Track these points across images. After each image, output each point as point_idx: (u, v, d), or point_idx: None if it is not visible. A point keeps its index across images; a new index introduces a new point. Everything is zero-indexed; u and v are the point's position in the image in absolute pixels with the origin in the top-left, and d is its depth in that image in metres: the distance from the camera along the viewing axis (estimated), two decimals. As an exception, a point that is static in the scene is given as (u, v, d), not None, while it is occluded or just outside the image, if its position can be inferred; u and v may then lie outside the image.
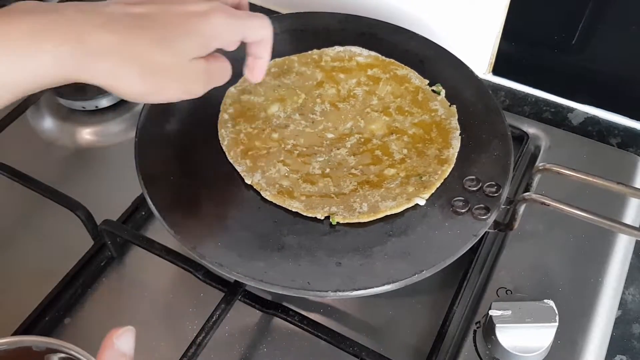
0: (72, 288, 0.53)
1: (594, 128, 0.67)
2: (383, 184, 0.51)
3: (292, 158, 0.53)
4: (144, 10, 0.42)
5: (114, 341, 0.32)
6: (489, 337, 0.46)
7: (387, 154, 0.54)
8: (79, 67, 0.39)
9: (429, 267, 0.46)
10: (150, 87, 0.42)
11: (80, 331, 0.52)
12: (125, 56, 0.40)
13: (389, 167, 0.53)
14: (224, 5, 0.45)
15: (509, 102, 0.70)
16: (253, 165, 0.53)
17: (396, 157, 0.54)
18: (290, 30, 0.65)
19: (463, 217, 0.50)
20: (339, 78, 0.60)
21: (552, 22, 0.65)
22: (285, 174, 0.52)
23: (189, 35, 0.42)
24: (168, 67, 0.42)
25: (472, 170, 0.53)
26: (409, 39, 0.64)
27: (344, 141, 0.55)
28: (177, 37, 0.42)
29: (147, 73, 0.41)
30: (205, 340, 0.48)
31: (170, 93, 0.44)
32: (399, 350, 0.50)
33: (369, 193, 0.51)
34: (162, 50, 0.41)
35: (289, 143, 0.55)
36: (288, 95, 0.59)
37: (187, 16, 0.42)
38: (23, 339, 0.33)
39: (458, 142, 0.54)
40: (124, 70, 0.40)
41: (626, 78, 0.66)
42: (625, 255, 0.55)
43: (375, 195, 0.51)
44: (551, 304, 0.46)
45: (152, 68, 0.41)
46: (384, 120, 0.56)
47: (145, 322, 0.53)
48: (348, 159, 0.54)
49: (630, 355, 0.51)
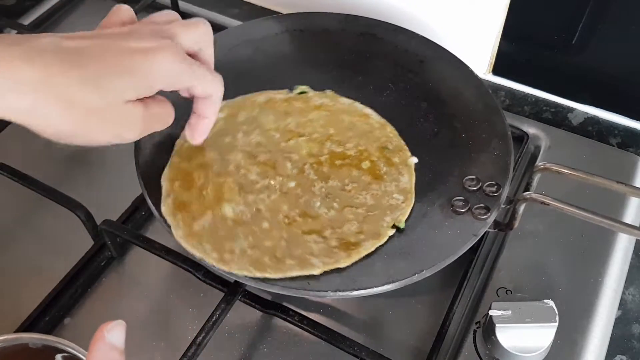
0: (72, 288, 0.53)
1: (594, 128, 0.67)
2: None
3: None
4: (80, 44, 0.38)
5: (105, 334, 0.31)
6: (489, 337, 0.46)
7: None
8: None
9: (429, 267, 0.46)
10: (74, 129, 0.38)
11: (80, 331, 0.52)
12: (48, 93, 0.36)
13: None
14: (177, 46, 0.41)
15: (509, 102, 0.70)
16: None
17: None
18: (290, 31, 0.65)
19: (463, 217, 0.50)
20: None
21: (552, 22, 0.65)
22: None
23: (126, 75, 0.38)
24: (96, 109, 0.38)
25: (472, 169, 0.53)
26: (409, 39, 0.63)
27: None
28: (111, 75, 0.38)
29: (72, 113, 0.37)
30: (205, 340, 0.48)
31: (98, 137, 0.40)
32: (399, 350, 0.50)
33: None
34: (91, 90, 0.37)
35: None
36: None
37: (129, 53, 0.38)
38: (20, 336, 0.33)
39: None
40: (44, 109, 0.36)
41: (626, 78, 0.66)
42: (626, 255, 0.55)
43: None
44: (551, 304, 0.46)
45: (77, 108, 0.37)
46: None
47: (145, 321, 0.53)
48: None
49: (630, 355, 0.51)
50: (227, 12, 0.80)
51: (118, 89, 0.38)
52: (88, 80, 0.37)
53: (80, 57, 0.37)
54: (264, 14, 0.76)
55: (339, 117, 0.57)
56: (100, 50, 0.38)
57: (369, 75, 0.62)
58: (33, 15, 0.79)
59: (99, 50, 0.38)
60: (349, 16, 0.66)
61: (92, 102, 0.37)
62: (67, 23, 0.80)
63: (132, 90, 0.39)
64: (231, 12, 0.81)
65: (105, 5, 0.81)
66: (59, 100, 0.36)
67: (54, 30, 0.78)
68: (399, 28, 0.64)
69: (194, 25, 0.44)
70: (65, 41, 0.38)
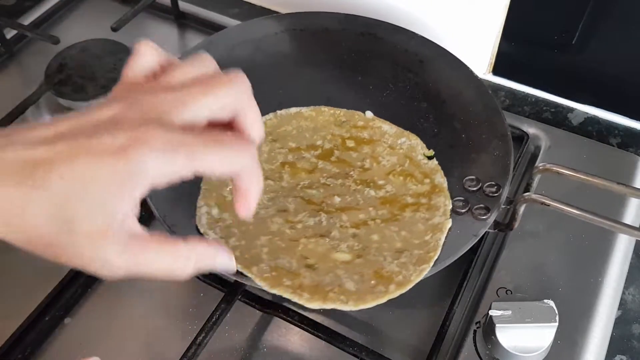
0: (72, 288, 0.53)
1: (594, 128, 0.67)
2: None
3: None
4: (47, 153, 0.31)
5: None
6: (489, 337, 0.46)
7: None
8: None
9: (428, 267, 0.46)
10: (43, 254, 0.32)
11: (80, 331, 0.52)
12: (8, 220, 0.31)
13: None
14: (159, 133, 0.31)
15: (509, 102, 0.70)
16: None
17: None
18: (290, 30, 0.65)
19: (463, 217, 0.50)
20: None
21: (552, 22, 0.65)
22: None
23: (97, 194, 0.30)
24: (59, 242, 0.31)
25: (472, 170, 0.53)
26: (409, 39, 0.63)
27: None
28: (77, 200, 0.30)
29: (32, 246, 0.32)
30: (205, 340, 0.48)
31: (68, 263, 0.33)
32: (399, 350, 0.50)
33: None
34: (51, 222, 0.31)
35: None
36: None
37: (99, 156, 0.30)
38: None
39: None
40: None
41: (626, 78, 0.66)
42: (625, 255, 0.55)
43: None
44: (551, 304, 0.46)
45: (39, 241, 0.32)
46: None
47: (145, 321, 0.53)
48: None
49: (630, 355, 0.51)
50: (227, 12, 0.80)
51: (88, 214, 0.31)
52: (53, 211, 0.30)
53: (45, 168, 0.30)
54: (264, 14, 0.76)
55: (281, 131, 0.58)
56: (68, 157, 0.31)
57: (368, 75, 0.62)
58: (33, 15, 0.79)
59: (67, 161, 0.31)
60: (348, 16, 0.66)
61: (55, 235, 0.31)
62: (68, 23, 0.80)
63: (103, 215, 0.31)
64: (231, 12, 0.81)
65: (105, 5, 0.82)
66: (18, 228, 0.31)
67: (54, 30, 0.78)
68: (398, 28, 0.64)
69: (222, 86, 0.35)
70: (30, 150, 0.31)
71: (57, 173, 0.30)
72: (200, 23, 0.78)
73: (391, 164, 0.55)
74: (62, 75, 0.68)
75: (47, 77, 0.68)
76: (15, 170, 0.31)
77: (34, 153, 0.31)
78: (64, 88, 0.67)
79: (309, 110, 0.59)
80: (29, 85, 0.69)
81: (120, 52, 0.70)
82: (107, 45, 0.71)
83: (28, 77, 0.72)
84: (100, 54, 0.70)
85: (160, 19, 0.80)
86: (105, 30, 0.71)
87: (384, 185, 0.53)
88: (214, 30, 0.72)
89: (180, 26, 0.79)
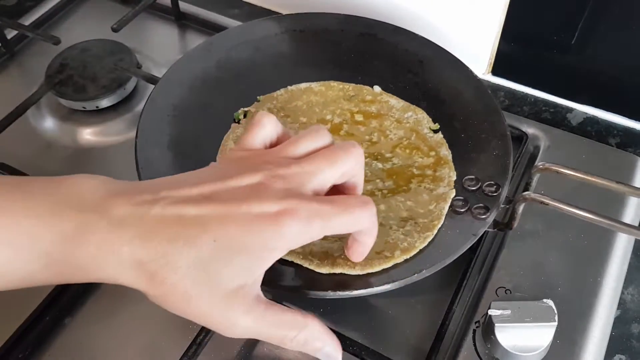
0: (72, 288, 0.53)
1: (593, 128, 0.67)
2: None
3: None
4: (200, 211, 0.33)
5: None
6: (488, 337, 0.46)
7: None
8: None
9: (428, 267, 0.46)
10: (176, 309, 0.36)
11: (80, 331, 0.52)
12: (159, 281, 0.33)
13: None
14: (302, 205, 0.34)
15: (509, 102, 0.70)
16: None
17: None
18: (290, 31, 0.65)
19: (462, 217, 0.50)
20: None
21: (551, 22, 0.65)
22: None
23: (243, 255, 0.33)
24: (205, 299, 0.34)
25: (472, 169, 0.53)
26: (409, 40, 0.64)
27: None
28: (227, 258, 0.33)
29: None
30: (205, 340, 0.48)
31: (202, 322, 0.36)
32: (399, 350, 0.50)
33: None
34: (201, 278, 0.33)
35: None
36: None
37: (248, 223, 0.33)
38: None
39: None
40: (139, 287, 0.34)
41: (626, 78, 0.66)
42: (625, 255, 0.55)
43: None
44: (550, 304, 0.46)
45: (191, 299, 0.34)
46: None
47: (145, 321, 0.53)
48: None
49: (629, 355, 0.51)
50: (227, 13, 0.80)
51: (230, 274, 0.33)
52: (199, 270, 0.33)
53: (199, 228, 0.33)
54: (264, 14, 0.76)
55: (292, 106, 0.60)
56: (219, 219, 0.33)
57: (368, 75, 0.62)
58: (34, 15, 0.79)
59: (220, 224, 0.33)
60: (348, 16, 0.66)
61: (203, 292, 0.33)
62: (68, 23, 0.80)
63: (246, 275, 0.34)
64: (231, 13, 0.81)
65: (106, 5, 0.82)
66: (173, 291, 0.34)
67: (54, 31, 0.78)
68: (398, 28, 0.64)
69: (343, 157, 0.39)
70: (179, 209, 0.33)
71: (211, 235, 0.32)
72: (201, 24, 0.78)
73: (398, 137, 0.56)
74: (62, 76, 0.68)
75: (47, 77, 0.68)
76: (167, 228, 0.32)
77: (183, 211, 0.33)
78: (64, 88, 0.67)
79: (318, 85, 0.61)
80: (29, 86, 0.69)
81: (120, 53, 0.71)
82: (107, 46, 0.71)
83: (29, 78, 0.73)
84: (101, 54, 0.71)
85: (161, 20, 0.80)
86: (105, 30, 0.71)
87: (391, 158, 0.55)
88: (215, 31, 0.72)
89: (181, 27, 0.80)
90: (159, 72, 0.69)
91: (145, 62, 0.73)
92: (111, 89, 0.67)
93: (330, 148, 0.39)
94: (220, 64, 0.62)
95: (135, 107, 0.69)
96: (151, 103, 0.56)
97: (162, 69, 0.68)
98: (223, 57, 0.62)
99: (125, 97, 0.69)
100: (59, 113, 0.69)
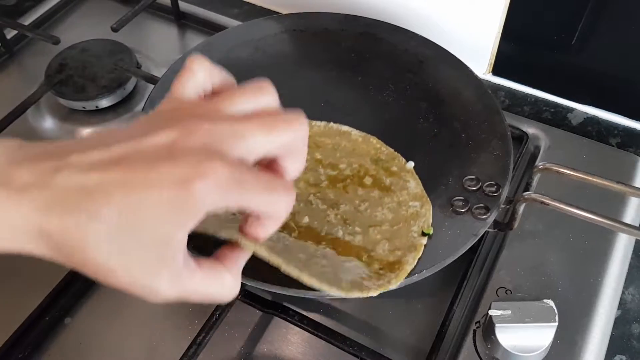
0: (72, 288, 0.53)
1: (594, 128, 0.67)
2: None
3: None
4: (104, 178, 0.30)
5: None
6: (488, 337, 0.46)
7: None
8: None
9: (428, 267, 0.46)
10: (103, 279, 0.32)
11: (80, 331, 0.52)
12: (68, 251, 0.31)
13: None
14: (223, 168, 0.30)
15: (509, 102, 0.70)
16: None
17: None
18: (290, 31, 0.65)
19: (463, 217, 0.50)
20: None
21: (552, 22, 0.65)
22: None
23: (157, 224, 0.30)
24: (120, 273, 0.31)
25: (472, 170, 0.53)
26: (409, 39, 0.64)
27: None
28: (135, 230, 0.30)
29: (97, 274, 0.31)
30: (205, 340, 0.48)
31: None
32: (399, 350, 0.50)
33: None
34: (108, 253, 0.30)
35: None
36: None
37: (159, 188, 0.30)
38: None
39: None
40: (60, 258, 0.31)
41: (626, 78, 0.66)
42: (625, 255, 0.55)
43: None
44: (551, 304, 0.46)
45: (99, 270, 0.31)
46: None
47: (145, 322, 0.53)
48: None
49: (629, 355, 0.51)
50: (227, 12, 0.80)
51: (143, 246, 0.30)
52: (108, 241, 0.30)
53: (102, 199, 0.30)
54: (264, 14, 0.76)
55: (319, 140, 0.56)
56: (124, 188, 0.30)
57: (368, 75, 0.62)
58: (33, 15, 0.79)
59: (123, 191, 0.30)
60: (348, 16, 0.66)
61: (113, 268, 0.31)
62: (68, 23, 0.80)
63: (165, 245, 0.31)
64: (231, 12, 0.81)
65: (106, 5, 0.82)
66: (78, 259, 0.31)
67: (54, 30, 0.78)
68: (398, 28, 0.64)
69: (283, 128, 0.34)
70: (84, 176, 0.30)
71: (115, 207, 0.30)
72: (201, 23, 0.78)
73: (382, 220, 0.50)
74: (62, 76, 0.68)
75: (47, 77, 0.68)
76: (70, 198, 0.30)
77: (88, 180, 0.30)
78: (64, 88, 0.67)
79: (359, 134, 0.57)
80: (29, 86, 0.69)
81: (120, 52, 0.71)
82: (107, 46, 0.71)
83: (28, 78, 0.72)
84: (101, 54, 0.71)
85: (161, 20, 0.80)
86: (105, 30, 0.71)
87: (357, 233, 0.49)
88: (214, 30, 0.72)
89: (181, 26, 0.80)
90: (159, 72, 0.69)
91: (145, 62, 0.72)
92: (111, 89, 0.67)
93: (271, 113, 0.35)
94: (220, 63, 0.61)
95: (135, 107, 0.69)
96: (151, 103, 0.56)
97: (162, 69, 0.68)
98: (223, 57, 0.62)
99: (125, 97, 0.69)
100: (58, 113, 0.68)
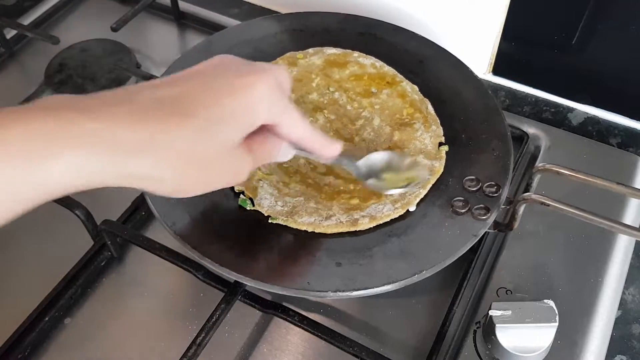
0: (72, 288, 0.53)
1: (594, 128, 0.67)
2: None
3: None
4: (179, 91, 0.36)
5: None
6: (489, 337, 0.46)
7: None
8: (104, 172, 0.32)
9: (429, 267, 0.46)
10: (192, 183, 0.37)
11: (80, 331, 0.52)
12: (162, 154, 0.34)
13: None
14: (272, 76, 0.38)
15: (509, 102, 0.70)
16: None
17: None
18: (290, 30, 0.65)
19: (463, 217, 0.50)
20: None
21: (552, 22, 0.65)
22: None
23: (233, 118, 0.36)
24: (213, 159, 0.36)
25: (472, 170, 0.53)
26: (409, 39, 0.64)
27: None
28: (221, 122, 0.36)
29: (188, 169, 0.35)
30: (205, 340, 0.48)
31: (215, 185, 0.38)
32: (399, 350, 0.50)
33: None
34: (205, 142, 0.35)
35: None
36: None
37: (229, 91, 0.36)
38: None
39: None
40: (160, 171, 0.34)
41: (626, 78, 0.66)
42: (625, 256, 0.55)
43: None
44: (551, 304, 0.46)
45: (194, 163, 0.35)
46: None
47: (145, 322, 0.53)
48: None
49: (630, 355, 0.51)
50: (227, 12, 0.80)
51: (230, 135, 0.36)
52: (200, 132, 0.34)
53: (185, 106, 0.35)
54: (264, 14, 0.76)
55: None
56: (202, 93, 0.36)
57: (368, 75, 0.62)
58: (33, 15, 0.79)
59: (201, 94, 0.36)
60: (348, 16, 0.66)
61: (208, 154, 0.35)
62: (68, 23, 0.80)
63: (239, 133, 0.37)
64: (231, 12, 0.81)
65: (105, 5, 0.82)
66: (173, 159, 0.34)
67: (54, 30, 0.78)
68: (398, 28, 0.64)
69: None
70: (161, 90, 0.35)
71: (202, 108, 0.35)
72: (200, 23, 0.78)
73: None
74: (62, 75, 0.68)
75: (47, 77, 0.68)
76: (157, 106, 0.34)
77: (170, 91, 0.35)
78: (64, 88, 0.67)
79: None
80: (29, 85, 0.69)
81: (120, 52, 0.71)
82: (107, 45, 0.71)
83: (28, 77, 0.72)
84: (100, 54, 0.71)
85: (160, 19, 0.80)
86: (105, 30, 0.71)
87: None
88: (214, 30, 0.72)
89: (180, 26, 0.80)
90: (159, 72, 0.69)
91: (145, 61, 0.72)
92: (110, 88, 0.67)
93: None
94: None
95: (135, 107, 0.69)
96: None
97: (162, 69, 0.67)
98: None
99: (125, 96, 0.69)
100: (58, 113, 0.68)
